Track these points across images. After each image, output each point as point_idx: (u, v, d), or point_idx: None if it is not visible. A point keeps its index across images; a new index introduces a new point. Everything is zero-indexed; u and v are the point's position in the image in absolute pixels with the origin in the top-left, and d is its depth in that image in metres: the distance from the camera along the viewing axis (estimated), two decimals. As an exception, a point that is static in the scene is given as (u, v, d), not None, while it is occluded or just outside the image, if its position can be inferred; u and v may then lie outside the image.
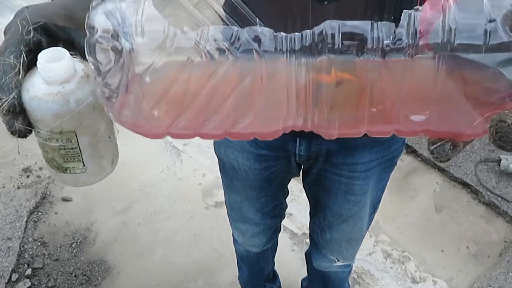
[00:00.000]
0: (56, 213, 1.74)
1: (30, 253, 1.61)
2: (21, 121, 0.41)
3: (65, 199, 1.78)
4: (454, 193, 1.87)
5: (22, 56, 0.41)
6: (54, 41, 0.44)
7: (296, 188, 1.76)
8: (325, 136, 0.36)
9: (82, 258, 1.61)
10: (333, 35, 0.31)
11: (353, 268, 1.49)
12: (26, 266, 1.57)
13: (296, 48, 0.31)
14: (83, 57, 0.44)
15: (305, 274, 1.37)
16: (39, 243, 1.64)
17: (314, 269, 1.19)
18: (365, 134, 0.37)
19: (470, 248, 1.68)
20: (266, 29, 0.32)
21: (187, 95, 0.33)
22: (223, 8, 0.39)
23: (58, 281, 1.55)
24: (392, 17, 0.35)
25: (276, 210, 1.05)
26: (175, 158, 1.96)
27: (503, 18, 0.29)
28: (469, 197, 1.85)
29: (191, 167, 1.93)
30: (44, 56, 0.41)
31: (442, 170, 1.92)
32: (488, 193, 1.81)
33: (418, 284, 1.59)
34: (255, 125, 0.35)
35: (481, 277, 1.57)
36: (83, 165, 0.45)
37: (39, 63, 0.41)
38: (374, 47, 0.31)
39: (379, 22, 0.31)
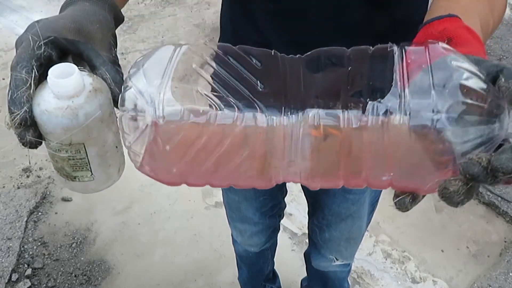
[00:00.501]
0: (56, 213, 1.74)
1: (30, 253, 1.61)
2: (32, 133, 0.42)
3: (65, 199, 1.78)
4: (454, 193, 1.87)
5: (33, 71, 0.42)
6: (64, 55, 0.46)
7: (295, 188, 1.76)
8: (309, 188, 0.45)
9: (82, 258, 1.62)
10: (313, 119, 0.40)
11: (353, 268, 1.50)
12: (26, 266, 1.57)
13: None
14: (91, 70, 0.46)
15: (305, 274, 1.37)
16: (39, 243, 1.64)
17: (313, 269, 1.19)
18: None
19: (470, 248, 1.69)
20: (260, 112, 0.41)
21: (198, 158, 0.42)
22: (212, 77, 0.45)
23: (58, 281, 1.55)
24: (371, 83, 0.42)
25: (274, 210, 1.06)
26: (175, 158, 1.96)
27: (448, 110, 0.36)
28: (469, 197, 1.85)
29: (191, 167, 1.93)
30: (54, 72, 0.42)
31: (442, 170, 1.92)
32: (488, 193, 1.81)
33: (418, 284, 1.59)
34: (254, 180, 0.44)
35: (481, 277, 1.58)
36: (91, 174, 0.47)
37: (49, 78, 0.42)
38: (346, 128, 0.40)
39: (349, 111, 0.40)
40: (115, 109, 0.46)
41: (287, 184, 1.03)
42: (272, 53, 0.45)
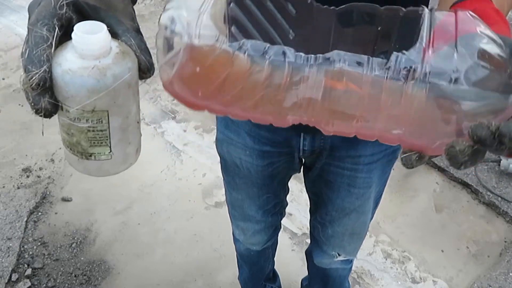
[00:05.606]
0: (56, 213, 1.74)
1: (30, 253, 1.61)
2: (49, 97, 0.39)
3: (65, 199, 1.78)
4: (454, 193, 1.87)
5: (55, 29, 0.39)
6: (84, 20, 0.43)
7: (296, 188, 1.76)
8: (323, 132, 0.46)
9: (82, 258, 1.61)
10: (339, 60, 0.41)
11: (353, 268, 1.50)
12: (26, 266, 1.57)
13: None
14: (113, 37, 0.43)
15: (305, 274, 1.37)
16: (39, 243, 1.64)
17: (314, 267, 1.19)
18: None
19: (470, 248, 1.69)
20: (290, 48, 0.43)
21: (224, 85, 0.43)
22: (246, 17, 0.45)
23: (58, 281, 1.55)
24: (397, 46, 0.42)
25: (277, 208, 1.06)
26: (175, 158, 1.96)
27: (466, 70, 0.38)
28: (469, 197, 1.85)
29: (191, 167, 1.93)
30: (81, 28, 0.39)
31: (442, 170, 1.92)
32: (488, 193, 1.81)
33: (418, 284, 1.59)
34: (271, 116, 0.45)
35: (481, 277, 1.58)
36: (109, 151, 0.43)
37: (75, 34, 0.39)
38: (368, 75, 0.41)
39: (374, 58, 0.41)
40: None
41: (288, 181, 1.03)
42: (308, 1, 0.46)
